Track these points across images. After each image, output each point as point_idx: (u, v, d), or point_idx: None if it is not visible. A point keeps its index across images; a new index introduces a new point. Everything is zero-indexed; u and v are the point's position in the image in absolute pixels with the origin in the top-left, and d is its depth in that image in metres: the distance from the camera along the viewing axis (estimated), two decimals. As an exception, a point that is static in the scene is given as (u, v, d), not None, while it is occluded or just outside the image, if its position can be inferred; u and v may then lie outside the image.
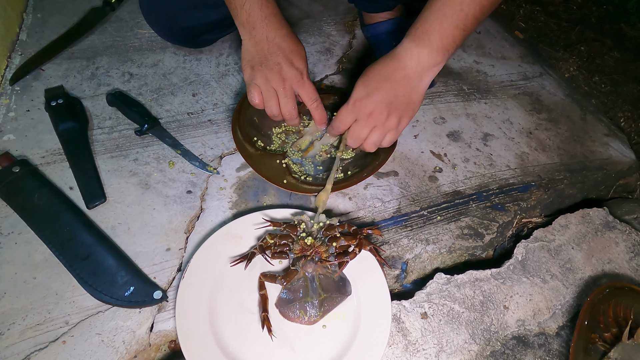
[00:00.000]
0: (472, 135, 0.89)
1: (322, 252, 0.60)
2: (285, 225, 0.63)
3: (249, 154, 0.74)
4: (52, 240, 0.62)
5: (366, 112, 0.66)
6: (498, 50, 1.10)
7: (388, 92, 0.65)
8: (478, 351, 0.61)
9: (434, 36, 0.62)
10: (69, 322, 0.57)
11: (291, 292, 0.59)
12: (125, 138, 0.77)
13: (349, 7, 1.13)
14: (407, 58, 0.64)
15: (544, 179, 0.83)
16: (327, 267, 0.59)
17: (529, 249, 0.72)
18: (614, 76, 1.12)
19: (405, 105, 0.66)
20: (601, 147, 0.91)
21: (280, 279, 0.59)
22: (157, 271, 0.62)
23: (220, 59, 0.94)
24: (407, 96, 0.66)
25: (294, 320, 0.58)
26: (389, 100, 0.65)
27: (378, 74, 0.66)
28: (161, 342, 0.58)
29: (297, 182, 0.71)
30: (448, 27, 0.61)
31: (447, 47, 0.63)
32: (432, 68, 0.65)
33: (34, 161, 0.71)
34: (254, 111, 0.78)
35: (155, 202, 0.69)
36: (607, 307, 0.62)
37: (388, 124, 0.67)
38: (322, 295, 0.58)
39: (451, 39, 0.62)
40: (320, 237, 0.62)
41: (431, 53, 0.63)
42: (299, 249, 0.60)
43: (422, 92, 0.67)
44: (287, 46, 0.68)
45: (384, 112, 0.66)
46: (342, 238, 0.61)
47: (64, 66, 0.87)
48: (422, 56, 0.63)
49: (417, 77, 0.65)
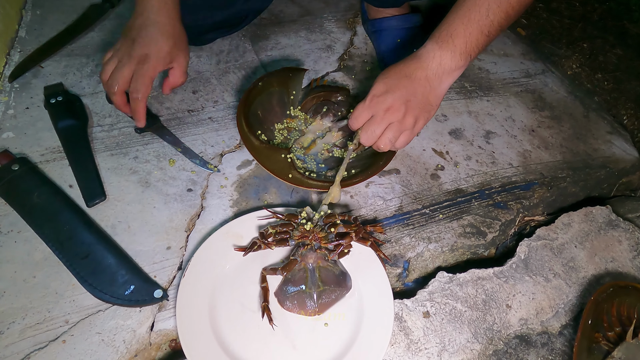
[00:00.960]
0: (474, 133, 0.88)
1: (320, 237, 0.60)
2: (287, 215, 0.63)
3: (253, 147, 0.73)
4: (51, 238, 0.61)
5: (383, 108, 0.65)
6: (500, 48, 1.09)
7: (407, 89, 0.65)
8: (480, 350, 0.61)
9: (458, 40, 0.62)
10: (69, 321, 0.56)
11: (290, 282, 0.59)
12: (125, 136, 0.77)
13: (350, 4, 1.12)
14: (429, 59, 0.64)
15: (547, 177, 0.82)
16: (327, 257, 0.59)
17: (531, 248, 0.72)
18: (617, 73, 1.11)
19: (423, 105, 0.66)
20: (604, 145, 0.91)
21: (281, 269, 0.59)
22: (158, 270, 0.62)
23: (221, 56, 0.94)
24: (425, 96, 0.65)
25: (292, 311, 0.58)
26: (407, 98, 0.64)
27: (399, 72, 0.66)
28: (162, 341, 0.57)
29: (302, 177, 0.71)
30: (473, 32, 0.62)
31: (470, 52, 0.63)
32: (453, 72, 0.65)
33: (34, 159, 0.71)
34: (259, 104, 0.78)
35: (156, 201, 0.69)
36: (610, 306, 0.62)
37: (404, 123, 0.65)
38: (321, 287, 0.58)
39: (475, 44, 0.62)
40: (321, 224, 0.62)
41: (454, 57, 0.63)
42: (298, 234, 0.60)
43: (441, 95, 0.67)
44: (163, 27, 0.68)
45: (401, 109, 0.64)
46: (342, 225, 0.61)
47: (64, 63, 0.86)
48: (444, 59, 0.64)
49: (437, 79, 0.65)
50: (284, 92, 0.82)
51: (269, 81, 0.81)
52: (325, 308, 0.58)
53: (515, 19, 0.64)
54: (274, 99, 0.81)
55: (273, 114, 0.81)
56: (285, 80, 0.82)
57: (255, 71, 0.92)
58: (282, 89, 0.82)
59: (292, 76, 0.83)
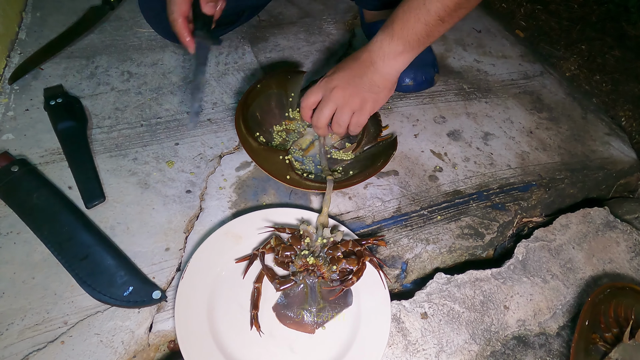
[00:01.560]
0: (473, 134, 0.88)
1: (324, 272, 0.59)
2: (290, 236, 0.63)
3: (252, 148, 0.73)
4: (51, 240, 0.61)
5: (329, 88, 0.69)
6: (499, 49, 1.09)
7: (352, 69, 0.69)
8: (478, 351, 0.61)
9: (396, 25, 0.66)
10: (68, 322, 0.56)
11: (290, 297, 0.59)
12: (124, 137, 0.77)
13: (349, 6, 1.13)
14: (372, 42, 0.69)
15: (545, 179, 0.83)
16: (329, 284, 0.59)
17: (529, 249, 0.72)
18: (615, 75, 1.11)
19: (369, 86, 0.68)
20: (602, 147, 0.91)
21: (277, 282, 0.58)
22: (156, 271, 0.62)
23: (220, 58, 0.94)
24: (370, 77, 0.68)
25: (290, 327, 0.58)
26: (351, 77, 0.68)
27: (349, 57, 0.71)
28: (160, 342, 0.58)
29: (300, 179, 0.71)
30: (410, 18, 0.65)
31: (408, 39, 0.66)
32: (396, 57, 0.67)
33: (33, 160, 0.71)
34: (257, 106, 0.79)
35: (155, 202, 0.69)
36: (608, 307, 0.62)
37: (351, 103, 0.69)
38: (321, 305, 0.58)
39: (412, 30, 0.65)
40: (323, 255, 0.61)
41: (392, 40, 0.66)
42: (300, 264, 0.60)
43: (388, 78, 0.69)
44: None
45: (346, 89, 0.68)
46: (344, 260, 0.60)
47: (63, 65, 0.86)
48: (384, 42, 0.67)
49: (380, 60, 0.67)
50: (283, 94, 0.83)
51: (267, 83, 0.81)
52: (324, 323, 0.59)
53: (458, 13, 0.65)
54: (273, 100, 0.82)
55: (272, 116, 0.81)
56: (284, 82, 0.83)
57: (254, 73, 0.92)
58: (281, 91, 0.82)
59: (290, 78, 0.83)
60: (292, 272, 0.60)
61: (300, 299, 0.59)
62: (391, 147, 0.77)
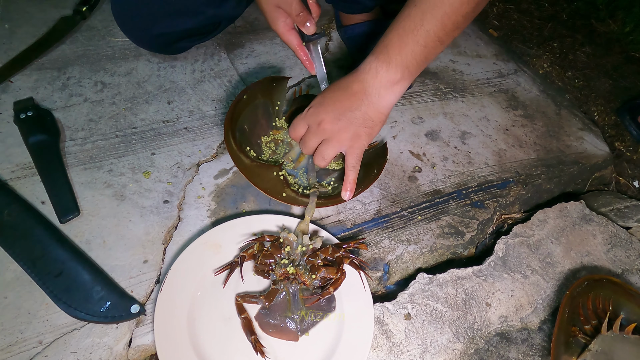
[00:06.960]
0: (450, 134, 0.89)
1: (304, 280, 0.59)
2: (270, 244, 0.61)
3: (245, 166, 0.71)
4: (23, 257, 0.60)
5: (317, 121, 0.64)
6: (473, 49, 1.11)
7: (342, 103, 0.62)
8: (462, 350, 0.61)
9: (393, 51, 0.60)
10: (43, 341, 0.55)
11: (272, 306, 0.58)
12: (98, 149, 0.75)
13: (325, 9, 1.13)
14: (365, 72, 0.62)
15: (522, 175, 0.84)
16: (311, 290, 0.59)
17: (509, 245, 0.73)
18: (586, 71, 1.14)
19: (362, 120, 0.62)
20: (576, 142, 0.93)
21: (262, 298, 0.58)
22: (135, 284, 0.61)
23: (196, 65, 0.93)
24: (363, 112, 0.62)
25: (273, 335, 0.57)
26: (341, 111, 0.62)
27: (337, 85, 0.64)
28: (140, 357, 0.56)
29: (296, 196, 0.70)
30: (408, 42, 0.59)
31: (407, 64, 0.60)
32: (393, 86, 0.61)
33: (4, 176, 0.69)
34: (245, 119, 0.77)
35: (131, 214, 0.68)
36: (586, 300, 0.63)
37: (339, 138, 0.63)
38: (303, 311, 0.57)
39: (411, 55, 0.59)
40: (303, 264, 0.60)
41: (389, 68, 0.60)
42: (281, 272, 0.59)
43: (383, 110, 0.63)
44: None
45: (334, 123, 0.62)
46: (324, 269, 0.59)
47: (34, 77, 0.84)
48: (380, 71, 0.61)
49: (375, 92, 0.61)
50: (269, 103, 0.81)
51: (253, 93, 0.79)
52: (307, 330, 0.58)
53: (455, 30, 0.59)
54: (259, 111, 0.80)
55: (259, 127, 0.79)
56: (269, 90, 0.81)
57: (231, 79, 0.91)
58: (267, 100, 0.81)
59: (275, 85, 0.82)
60: (272, 281, 0.59)
61: (282, 306, 0.58)
62: (382, 155, 0.77)
